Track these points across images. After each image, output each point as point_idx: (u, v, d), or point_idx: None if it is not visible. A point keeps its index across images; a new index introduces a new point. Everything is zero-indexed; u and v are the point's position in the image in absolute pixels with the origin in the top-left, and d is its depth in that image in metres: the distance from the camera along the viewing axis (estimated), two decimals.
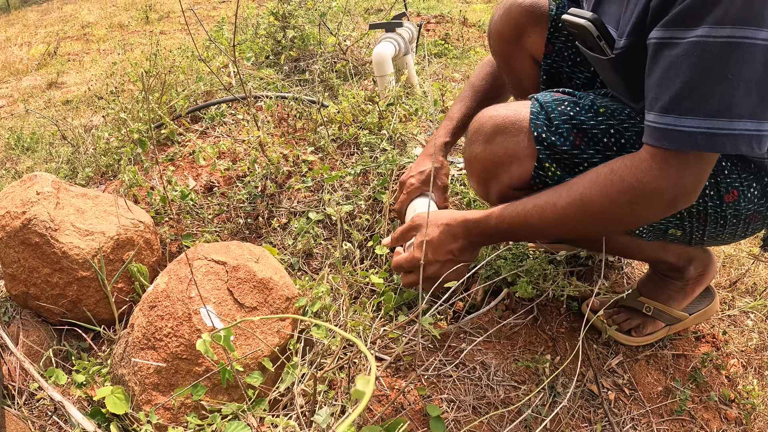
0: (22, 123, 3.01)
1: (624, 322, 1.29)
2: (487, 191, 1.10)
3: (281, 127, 1.92)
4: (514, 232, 1.02)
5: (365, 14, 3.80)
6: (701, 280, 1.25)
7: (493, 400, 1.12)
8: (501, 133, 1.03)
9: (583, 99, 1.04)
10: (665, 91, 0.83)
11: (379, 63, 2.00)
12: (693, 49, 0.78)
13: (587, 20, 0.98)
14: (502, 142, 1.03)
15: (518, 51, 1.27)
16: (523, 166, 1.02)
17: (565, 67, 1.24)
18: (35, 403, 1.17)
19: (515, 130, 1.02)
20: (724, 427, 1.20)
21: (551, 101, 1.03)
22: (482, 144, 1.05)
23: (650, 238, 1.10)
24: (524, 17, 1.22)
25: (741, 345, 1.41)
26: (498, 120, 1.04)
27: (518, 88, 1.35)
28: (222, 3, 6.08)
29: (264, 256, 1.20)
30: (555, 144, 0.99)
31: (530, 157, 1.01)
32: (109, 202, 1.43)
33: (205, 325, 1.04)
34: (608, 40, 0.98)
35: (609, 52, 0.98)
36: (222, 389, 1.03)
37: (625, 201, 0.88)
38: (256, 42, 2.54)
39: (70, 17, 6.68)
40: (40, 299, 1.30)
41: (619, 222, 0.94)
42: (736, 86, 0.77)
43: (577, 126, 1.00)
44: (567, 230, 0.99)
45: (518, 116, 1.03)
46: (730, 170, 0.99)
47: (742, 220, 1.04)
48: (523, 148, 1.01)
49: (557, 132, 1.00)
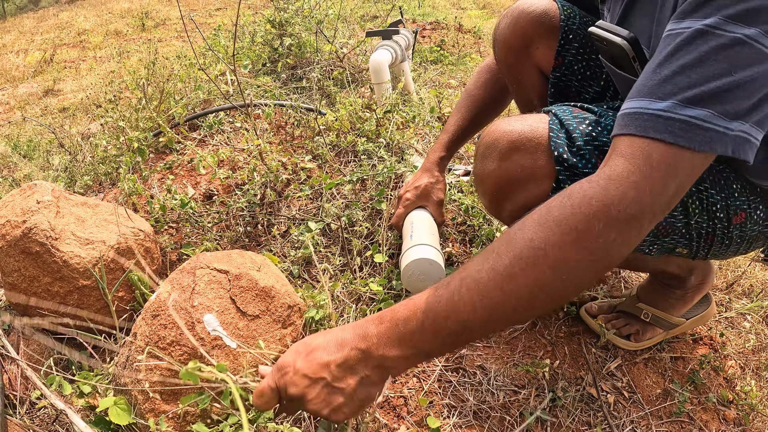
0: (18, 131, 3.01)
1: (623, 327, 1.30)
2: (499, 210, 1.03)
3: (279, 135, 1.93)
4: (448, 327, 0.71)
5: (361, 22, 3.82)
6: (701, 288, 1.26)
7: (494, 405, 1.13)
8: (517, 151, 0.95)
9: (605, 118, 0.96)
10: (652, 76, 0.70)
11: (376, 70, 2.01)
12: (696, 35, 0.67)
13: (623, 39, 0.89)
14: (518, 159, 0.95)
15: (525, 62, 1.21)
16: (540, 186, 0.95)
17: (575, 80, 1.20)
18: (36, 412, 1.17)
19: (533, 147, 0.94)
20: (723, 428, 1.21)
21: (571, 118, 0.96)
22: (496, 161, 0.97)
23: (657, 254, 1.06)
24: (533, 27, 1.16)
25: (739, 346, 1.42)
26: (514, 136, 0.96)
27: (522, 97, 1.31)
28: (218, 10, 6.10)
29: (265, 264, 1.21)
30: (576, 166, 0.91)
31: (548, 177, 0.94)
32: (109, 211, 1.43)
33: (208, 334, 1.04)
34: (642, 60, 0.89)
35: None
36: (226, 397, 1.03)
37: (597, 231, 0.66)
38: (253, 50, 2.55)
39: (66, 24, 6.68)
40: (41, 308, 1.30)
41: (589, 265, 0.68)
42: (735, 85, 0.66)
43: (599, 148, 0.92)
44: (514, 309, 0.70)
45: (536, 133, 0.95)
46: (740, 192, 0.96)
47: (746, 241, 1.02)
48: (541, 167, 0.94)
49: (579, 153, 0.92)
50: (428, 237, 1.29)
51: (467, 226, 1.57)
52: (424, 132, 1.97)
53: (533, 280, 0.67)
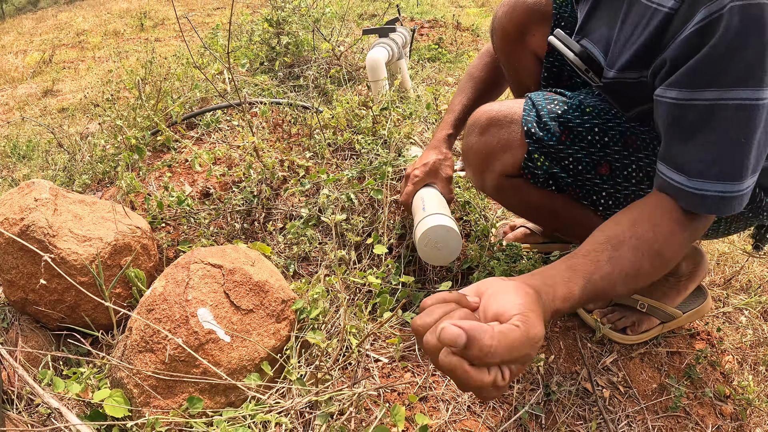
0: (17, 131, 3.02)
1: (618, 320, 1.30)
2: (483, 181, 1.17)
3: (276, 132, 1.93)
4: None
5: (359, 20, 3.82)
6: (693, 276, 1.27)
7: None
8: (494, 125, 1.11)
9: (573, 99, 1.10)
10: (679, 149, 0.82)
11: (373, 68, 2.01)
12: (707, 113, 0.78)
13: (574, 54, 1.01)
14: (495, 132, 1.11)
15: (521, 49, 1.29)
16: (514, 156, 1.10)
17: (566, 65, 1.25)
18: (35, 408, 1.17)
19: (507, 122, 1.10)
20: (720, 422, 1.22)
21: (542, 99, 1.11)
22: (477, 135, 1.14)
23: None
24: (528, 15, 1.23)
25: (736, 341, 1.42)
26: (492, 114, 1.12)
27: (518, 84, 1.37)
28: (216, 10, 6.11)
29: (259, 259, 1.22)
30: (543, 138, 1.07)
31: (521, 147, 1.09)
32: (107, 209, 1.44)
33: (202, 328, 1.04)
34: (595, 69, 1.00)
35: (597, 80, 1.00)
36: (219, 391, 1.03)
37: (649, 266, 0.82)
38: (251, 48, 2.56)
39: (65, 25, 6.69)
40: (39, 305, 1.31)
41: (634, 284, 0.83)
42: (748, 149, 0.78)
43: (563, 123, 1.07)
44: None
45: (511, 111, 1.11)
46: None
47: (723, 220, 1.08)
48: (515, 139, 1.09)
49: (545, 128, 1.07)
50: (441, 208, 1.29)
51: (464, 222, 1.57)
52: (422, 128, 1.97)
53: None
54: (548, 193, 1.14)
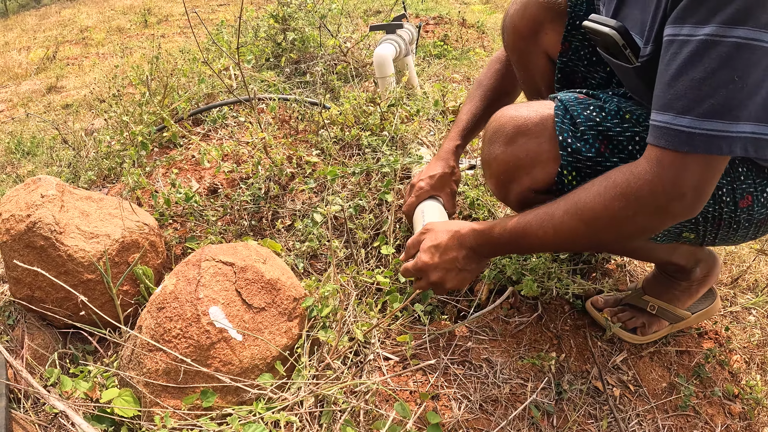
0: (22, 127, 3.02)
1: (628, 320, 1.29)
2: (506, 194, 1.07)
3: (283, 129, 1.93)
4: (516, 243, 1.00)
5: (365, 16, 3.81)
6: (706, 281, 1.26)
7: (500, 398, 1.12)
8: (522, 134, 1.00)
9: (609, 103, 1.00)
10: (668, 89, 0.80)
11: (380, 64, 2.00)
12: (701, 48, 0.76)
13: (611, 28, 0.94)
14: (524, 144, 0.99)
15: (533, 47, 1.23)
16: (545, 170, 0.99)
17: (581, 66, 1.21)
18: (41, 406, 1.17)
19: (537, 131, 0.99)
20: (729, 422, 1.21)
21: (576, 104, 1.00)
22: (502, 145, 1.02)
23: (664, 241, 1.08)
24: (542, 13, 1.19)
25: (743, 341, 1.41)
26: (520, 121, 1.00)
27: (530, 84, 1.33)
28: (220, 6, 6.09)
29: (271, 257, 1.21)
30: (580, 150, 0.96)
31: (554, 161, 0.98)
32: (114, 205, 1.43)
33: (214, 326, 1.04)
34: (633, 47, 0.93)
35: (634, 61, 0.94)
36: (231, 390, 1.03)
37: (618, 208, 0.85)
38: (257, 44, 2.55)
39: (69, 21, 6.68)
40: (45, 302, 1.30)
41: (617, 231, 0.90)
42: (740, 88, 0.76)
43: (602, 133, 0.96)
44: (566, 242, 0.96)
45: (541, 118, 0.99)
46: (746, 176, 0.97)
47: (754, 224, 1.03)
48: (546, 151, 0.98)
49: (582, 138, 0.96)
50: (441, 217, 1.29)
51: (472, 219, 1.56)
52: (429, 126, 1.96)
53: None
54: None
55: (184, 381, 1.03)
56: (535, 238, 0.96)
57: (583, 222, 0.89)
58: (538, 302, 1.33)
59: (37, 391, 1.10)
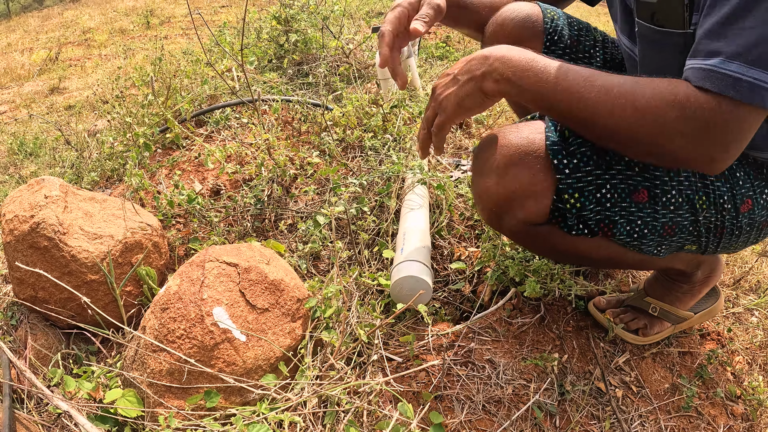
0: (25, 128, 3.02)
1: (631, 321, 1.29)
2: (500, 224, 1.01)
3: (286, 130, 1.93)
4: (549, 95, 0.87)
5: (367, 17, 3.81)
6: (708, 282, 1.26)
7: (503, 399, 1.13)
8: (514, 165, 0.94)
9: None
10: (715, 36, 0.78)
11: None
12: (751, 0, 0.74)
13: None
14: (516, 174, 0.94)
15: None
16: (539, 203, 0.95)
17: None
18: (45, 407, 1.17)
19: (530, 160, 0.94)
20: (731, 422, 1.21)
21: None
22: (494, 178, 0.95)
23: (666, 255, 1.06)
24: (520, 31, 1.19)
25: (746, 342, 1.41)
26: (511, 151, 0.94)
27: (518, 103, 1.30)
28: (223, 8, 6.10)
29: (275, 257, 1.21)
30: (578, 167, 0.93)
31: (548, 191, 0.94)
32: (117, 206, 1.44)
33: (218, 327, 1.04)
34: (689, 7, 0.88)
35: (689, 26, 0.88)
36: (235, 390, 1.03)
37: (673, 115, 0.79)
38: (259, 46, 2.55)
39: (71, 23, 6.70)
40: (49, 303, 1.31)
41: (656, 134, 0.81)
42: None
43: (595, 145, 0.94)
44: (605, 123, 0.84)
45: (533, 145, 0.94)
46: (744, 180, 0.98)
47: (755, 228, 1.03)
48: (540, 181, 0.94)
49: (576, 153, 0.94)
50: (417, 251, 1.29)
51: (475, 221, 1.57)
52: None
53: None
54: (578, 240, 1.00)
55: (188, 381, 1.03)
56: (574, 104, 0.85)
57: (635, 107, 0.81)
58: (540, 303, 1.33)
59: (41, 391, 1.10)
